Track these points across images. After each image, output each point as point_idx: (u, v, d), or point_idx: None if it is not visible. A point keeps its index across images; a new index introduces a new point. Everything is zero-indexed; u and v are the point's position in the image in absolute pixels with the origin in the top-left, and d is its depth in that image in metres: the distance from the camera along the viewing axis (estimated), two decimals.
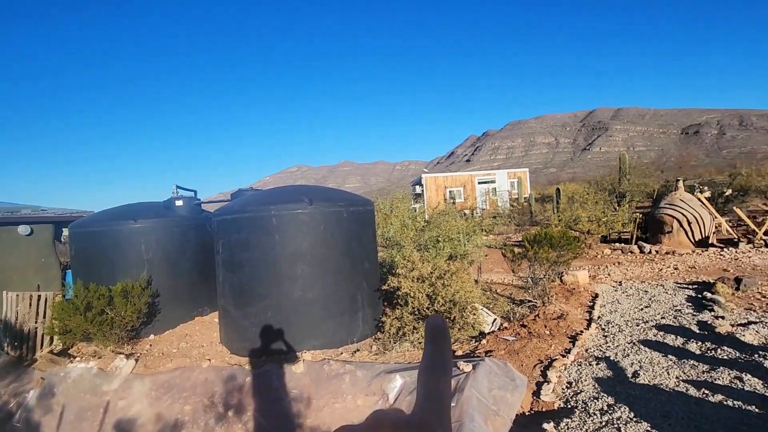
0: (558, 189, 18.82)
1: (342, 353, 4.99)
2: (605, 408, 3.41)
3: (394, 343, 5.00)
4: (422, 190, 26.00)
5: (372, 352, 4.98)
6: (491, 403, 3.48)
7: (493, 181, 26.79)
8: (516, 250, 6.93)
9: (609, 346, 4.66)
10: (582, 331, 5.10)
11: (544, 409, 3.55)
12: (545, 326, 5.24)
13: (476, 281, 7.01)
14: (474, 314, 5.20)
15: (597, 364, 4.24)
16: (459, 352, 4.76)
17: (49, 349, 5.98)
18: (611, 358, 4.33)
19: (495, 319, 5.54)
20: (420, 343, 4.90)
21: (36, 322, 6.04)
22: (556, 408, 3.55)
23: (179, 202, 6.58)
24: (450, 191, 26.09)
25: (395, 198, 9.39)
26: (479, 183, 26.81)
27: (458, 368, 3.92)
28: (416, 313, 5.09)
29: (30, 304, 6.08)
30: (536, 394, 3.77)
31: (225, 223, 5.25)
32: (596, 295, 6.79)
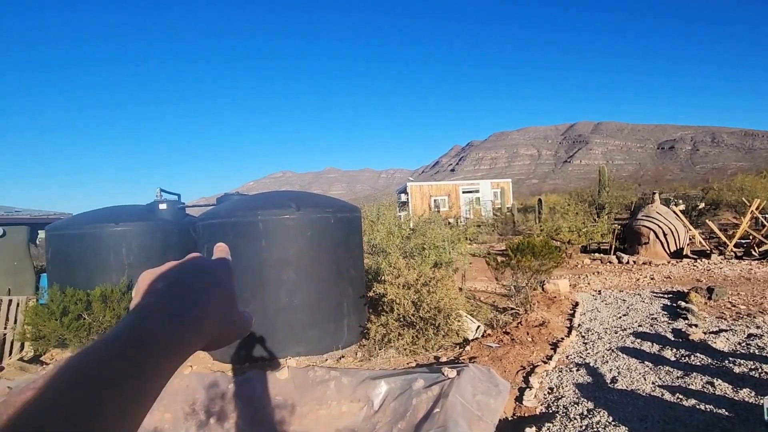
0: (540, 200, 19.21)
1: (327, 360, 4.97)
2: (585, 413, 3.49)
3: (379, 349, 5.01)
4: (407, 199, 26.16)
5: (357, 359, 4.98)
6: (475, 409, 3.53)
7: (477, 191, 27.15)
8: (499, 258, 7.04)
9: (589, 353, 4.78)
10: (563, 338, 5.21)
11: (526, 414, 3.61)
12: (527, 333, 5.34)
13: (461, 289, 7.09)
14: (458, 321, 5.26)
15: (577, 370, 4.33)
16: (443, 359, 4.81)
17: (19, 356, 5.77)
18: (591, 365, 4.44)
19: (479, 326, 5.61)
20: (405, 349, 4.93)
21: (5, 328, 5.84)
22: (538, 413, 3.62)
23: (163, 206, 6.48)
24: (435, 200, 26.32)
25: (382, 205, 9.44)
26: (463, 192, 27.14)
27: (443, 374, 3.96)
28: (401, 319, 5.12)
29: None
30: (519, 399, 3.83)
31: (211, 228, 5.20)
32: (576, 304, 6.94)
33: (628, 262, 10.80)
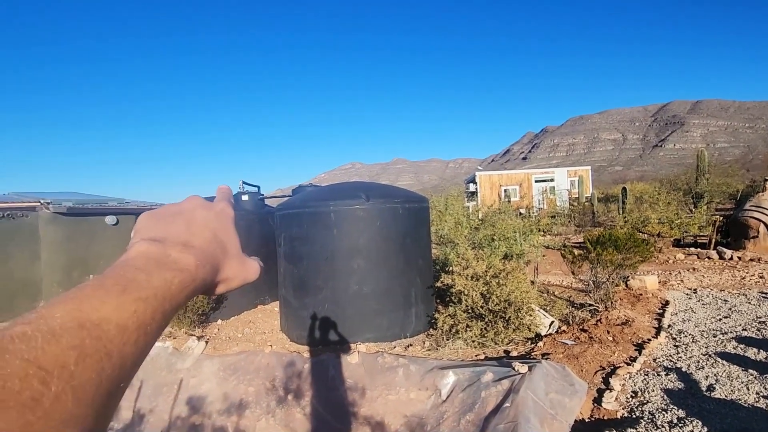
0: (624, 188, 17.63)
1: (395, 347, 5.08)
2: (675, 421, 3.20)
3: (447, 340, 5.00)
4: (476, 188, 25.48)
5: (425, 348, 5.02)
6: (548, 407, 3.40)
7: (551, 180, 25.63)
8: (576, 251, 6.63)
9: (681, 357, 4.35)
10: (650, 340, 4.79)
11: (605, 417, 3.40)
12: (608, 332, 4.99)
13: (533, 282, 6.81)
14: (530, 315, 5.07)
15: (666, 374, 3.97)
16: (514, 353, 4.67)
17: None
18: (683, 370, 4.04)
19: (552, 322, 5.35)
20: (473, 341, 4.87)
21: None
22: (619, 417, 3.39)
23: (245, 197, 7.01)
24: (505, 189, 25.34)
25: (450, 195, 9.32)
26: (536, 181, 25.78)
27: (513, 369, 3.86)
28: (470, 311, 5.06)
29: None
30: (597, 401, 3.62)
31: (287, 218, 5.53)
32: (666, 303, 6.33)
33: (731, 258, 9.56)
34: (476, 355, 4.71)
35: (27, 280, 8.29)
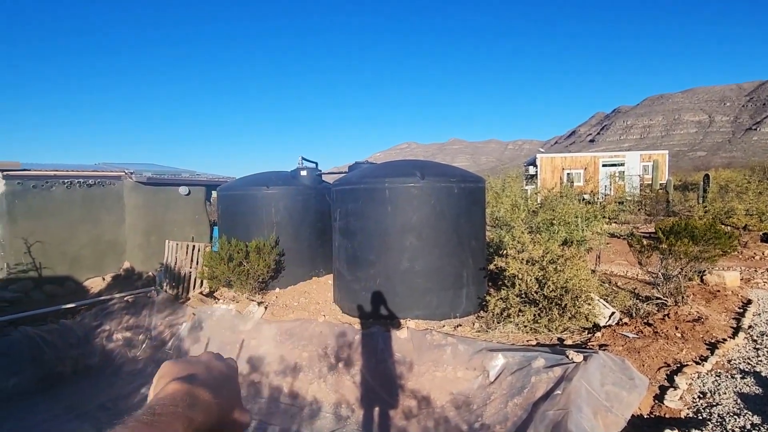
0: (707, 175, 15.95)
1: (444, 326, 5.10)
2: (749, 427, 2.94)
3: (498, 323, 4.93)
4: (536, 171, 24.31)
5: (474, 329, 4.99)
6: (603, 399, 3.26)
7: (621, 164, 23.79)
8: (645, 241, 6.17)
9: (761, 361, 3.95)
10: (725, 340, 4.40)
11: (667, 415, 3.20)
12: (676, 328, 4.64)
13: (593, 270, 6.46)
14: (588, 304, 4.84)
15: (742, 378, 3.64)
16: (568, 342, 4.51)
17: (200, 290, 7.23)
18: (763, 374, 3.68)
19: (613, 313, 5.07)
20: (525, 326, 4.76)
21: (190, 268, 7.33)
22: (682, 416, 3.18)
23: (304, 172, 7.25)
24: (568, 173, 23.94)
25: (508, 177, 8.99)
26: (604, 165, 24.06)
27: (567, 357, 3.73)
28: (523, 296, 4.92)
29: (186, 252, 7.39)
30: (659, 398, 3.41)
31: (343, 193, 5.65)
32: (749, 302, 5.74)
33: None
34: (527, 341, 4.60)
35: (114, 241, 9.27)
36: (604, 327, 4.83)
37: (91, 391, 5.46)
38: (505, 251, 5.54)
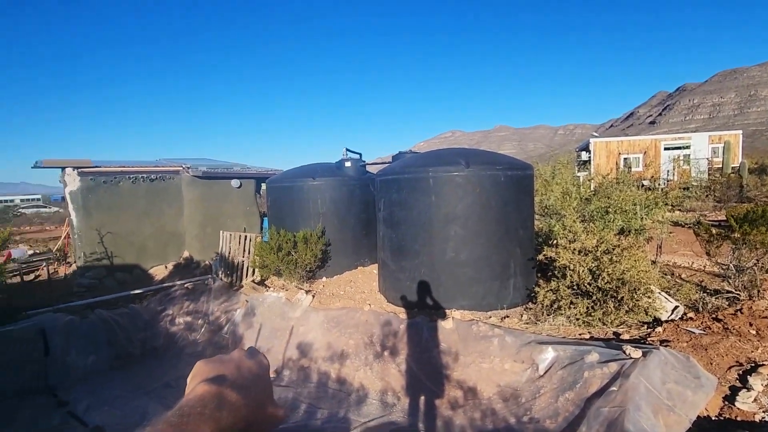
0: None
1: (490, 317, 5.00)
2: None
3: (547, 315, 4.76)
4: (589, 157, 23.01)
5: (522, 321, 4.86)
6: (665, 397, 3.06)
7: (686, 147, 21.93)
8: (714, 230, 5.67)
9: None
10: None
11: (738, 418, 2.95)
12: (750, 324, 4.24)
13: (654, 262, 6.04)
14: (648, 297, 4.54)
15: None
16: (625, 336, 4.26)
17: (252, 278, 7.57)
18: None
19: (676, 307, 4.73)
20: (577, 319, 4.56)
21: (243, 257, 7.70)
22: (757, 420, 2.92)
23: (348, 164, 7.33)
24: (625, 158, 22.44)
25: (558, 163, 8.58)
26: (666, 149, 22.30)
27: (624, 352, 3.54)
28: (575, 287, 4.71)
29: (239, 243, 7.76)
30: (729, 399, 3.15)
31: (386, 183, 5.66)
32: None
33: None
34: (580, 334, 4.41)
35: (175, 232, 9.92)
36: (666, 322, 4.52)
37: (157, 370, 5.91)
38: (555, 241, 5.31)
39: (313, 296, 6.10)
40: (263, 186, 9.46)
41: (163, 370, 5.90)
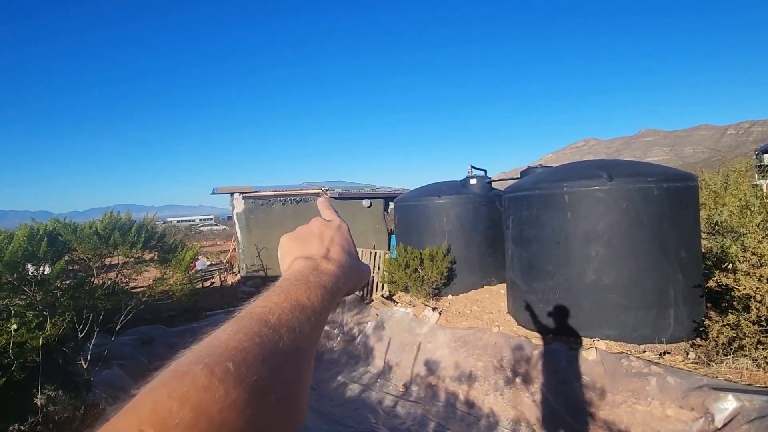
0: None
1: (644, 351, 4.35)
2: None
3: (725, 355, 3.93)
4: None
5: (688, 360, 4.10)
6: None
7: None
8: None
9: None
10: None
11: None
12: None
13: None
14: None
15: None
16: None
17: (381, 293, 7.95)
18: None
19: None
20: (767, 362, 3.66)
21: (373, 272, 8.15)
22: None
23: (473, 181, 7.27)
24: None
25: (732, 170, 7.11)
26: None
27: None
28: (762, 323, 3.81)
29: (369, 259, 8.24)
30: None
31: (515, 200, 5.44)
32: None
33: None
34: None
35: None
36: None
37: None
38: (730, 264, 4.39)
39: (440, 313, 6.12)
40: (391, 205, 9.95)
41: None
